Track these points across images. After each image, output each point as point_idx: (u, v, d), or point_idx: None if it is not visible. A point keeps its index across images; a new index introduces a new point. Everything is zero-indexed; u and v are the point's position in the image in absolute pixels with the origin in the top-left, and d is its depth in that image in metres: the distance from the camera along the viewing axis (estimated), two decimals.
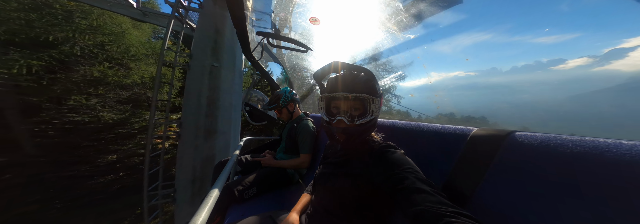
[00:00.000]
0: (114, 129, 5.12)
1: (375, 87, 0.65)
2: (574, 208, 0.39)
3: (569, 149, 0.43)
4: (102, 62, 4.91)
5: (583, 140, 0.43)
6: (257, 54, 1.79)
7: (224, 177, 0.92)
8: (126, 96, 5.43)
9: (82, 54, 4.65)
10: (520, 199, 0.47)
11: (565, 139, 0.46)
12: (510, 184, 0.50)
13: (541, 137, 0.49)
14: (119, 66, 5.23)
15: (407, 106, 3.36)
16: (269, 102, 1.61)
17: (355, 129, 0.65)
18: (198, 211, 0.64)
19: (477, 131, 0.63)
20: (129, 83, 5.35)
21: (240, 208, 1.16)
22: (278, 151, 1.68)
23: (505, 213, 0.49)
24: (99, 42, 4.84)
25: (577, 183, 0.40)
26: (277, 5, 1.68)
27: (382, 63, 2.93)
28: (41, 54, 4.09)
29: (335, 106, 0.69)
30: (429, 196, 0.43)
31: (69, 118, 4.51)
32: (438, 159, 0.70)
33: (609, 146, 0.40)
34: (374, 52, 2.44)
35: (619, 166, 0.37)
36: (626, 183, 0.36)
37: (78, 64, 4.67)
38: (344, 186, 0.67)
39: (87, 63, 4.77)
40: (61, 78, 4.48)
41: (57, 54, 4.28)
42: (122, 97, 5.35)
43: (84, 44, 4.66)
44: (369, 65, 2.66)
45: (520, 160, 0.50)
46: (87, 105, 4.73)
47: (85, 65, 4.74)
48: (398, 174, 0.52)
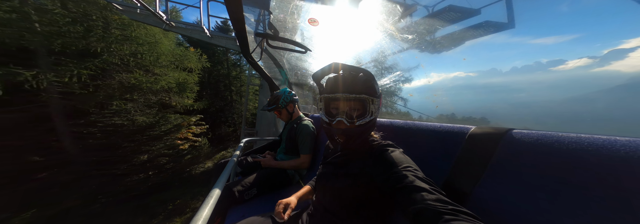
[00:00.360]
0: (146, 131, 5.70)
1: (374, 87, 0.65)
2: (572, 203, 0.40)
3: (565, 146, 0.44)
4: (134, 69, 5.52)
5: (579, 137, 0.44)
6: (256, 55, 1.79)
7: (224, 178, 0.92)
8: (154, 100, 6.11)
9: (120, 62, 5.27)
10: (518, 196, 0.48)
11: (561, 136, 0.46)
12: (508, 181, 0.50)
13: (538, 135, 0.49)
14: (150, 73, 5.93)
15: (411, 107, 3.34)
16: (268, 103, 1.61)
17: (355, 130, 0.65)
18: (198, 212, 0.63)
19: (475, 129, 0.64)
20: (158, 88, 5.97)
21: (240, 209, 1.16)
22: (278, 152, 1.68)
23: (504, 210, 0.49)
24: (133, 51, 5.47)
25: (574, 179, 0.40)
26: (276, 6, 1.68)
27: (389, 66, 2.95)
28: (87, 63, 4.69)
29: (334, 107, 0.69)
30: (428, 194, 0.43)
31: (111, 121, 5.13)
32: (437, 157, 0.71)
33: (604, 142, 0.40)
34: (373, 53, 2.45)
35: (614, 162, 0.37)
36: (621, 178, 0.36)
37: (116, 72, 5.29)
38: (344, 185, 0.67)
39: (123, 70, 5.40)
40: (103, 85, 5.10)
41: (100, 63, 4.86)
42: (151, 101, 6.04)
43: (122, 54, 5.27)
44: (372, 67, 2.66)
45: (518, 157, 0.50)
46: (124, 109, 5.36)
47: (123, 72, 5.36)
48: (397, 173, 0.52)
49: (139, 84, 5.52)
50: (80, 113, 4.95)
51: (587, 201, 0.38)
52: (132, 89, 5.41)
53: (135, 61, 5.47)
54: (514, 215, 0.47)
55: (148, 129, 5.72)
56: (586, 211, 0.38)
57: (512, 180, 0.50)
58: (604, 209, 0.37)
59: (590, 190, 0.39)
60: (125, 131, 5.31)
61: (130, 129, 5.38)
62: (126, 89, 5.34)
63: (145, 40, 5.59)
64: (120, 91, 5.27)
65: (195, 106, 6.85)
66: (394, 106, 3.58)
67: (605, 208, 0.36)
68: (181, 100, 6.58)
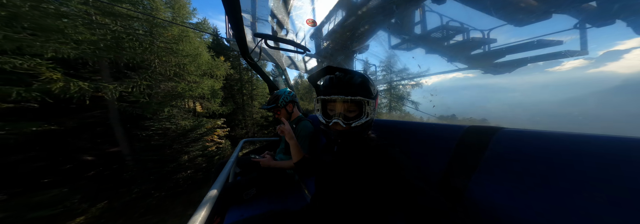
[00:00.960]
0: (188, 134, 6.61)
1: (370, 89, 0.65)
2: (559, 199, 0.41)
3: (554, 144, 0.45)
4: (175, 78, 6.41)
5: (565, 135, 0.45)
6: (255, 56, 1.80)
7: (223, 178, 0.92)
8: (192, 106, 7.21)
9: (168, 73, 6.17)
10: (509, 192, 0.49)
11: (549, 134, 0.48)
12: (499, 177, 0.52)
13: (528, 133, 0.51)
14: (190, 82, 6.85)
15: (411, 108, 3.38)
16: (268, 102, 1.61)
17: (351, 131, 0.66)
18: (196, 212, 0.64)
19: (468, 128, 0.65)
20: (196, 95, 6.82)
21: (239, 209, 1.16)
22: (277, 152, 1.68)
23: (495, 205, 0.51)
24: (178, 62, 6.39)
25: (562, 176, 0.42)
26: (274, 7, 1.69)
27: (399, 70, 3.00)
28: (144, 75, 5.56)
29: (331, 108, 0.70)
30: (423, 193, 0.44)
31: (163, 125, 6.07)
32: (432, 156, 0.72)
33: (590, 140, 0.42)
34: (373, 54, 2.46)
35: (601, 159, 0.39)
36: (607, 175, 0.37)
37: (162, 81, 6.17)
38: (342, 185, 0.68)
39: (168, 80, 6.29)
40: (154, 93, 6.02)
41: (152, 74, 5.78)
42: (191, 107, 7.17)
43: (169, 65, 6.20)
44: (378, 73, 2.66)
45: (508, 154, 0.52)
46: (172, 115, 6.28)
47: (168, 82, 6.27)
48: (393, 172, 0.53)
49: (183, 92, 6.43)
50: (140, 118, 5.98)
51: (574, 197, 0.40)
52: (177, 96, 6.33)
53: (179, 71, 6.33)
54: (505, 210, 0.49)
55: (189, 132, 6.57)
56: (573, 206, 0.40)
57: (504, 176, 0.51)
58: (590, 205, 0.38)
59: (577, 186, 0.40)
60: (172, 134, 6.21)
61: (177, 132, 6.31)
62: (172, 96, 6.28)
63: (188, 53, 6.43)
64: (168, 98, 6.19)
65: (220, 110, 7.70)
66: (402, 109, 3.59)
67: (592, 203, 0.38)
68: (210, 105, 7.40)
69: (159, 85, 6.01)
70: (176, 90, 6.16)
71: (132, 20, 5.46)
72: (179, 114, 6.39)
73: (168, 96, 6.13)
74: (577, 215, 0.39)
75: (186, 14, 6.75)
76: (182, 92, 6.35)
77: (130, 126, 6.03)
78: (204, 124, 6.94)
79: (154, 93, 5.93)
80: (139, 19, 5.49)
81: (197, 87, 6.68)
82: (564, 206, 0.40)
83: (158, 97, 6.03)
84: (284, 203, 1.24)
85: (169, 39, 6.06)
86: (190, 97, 6.80)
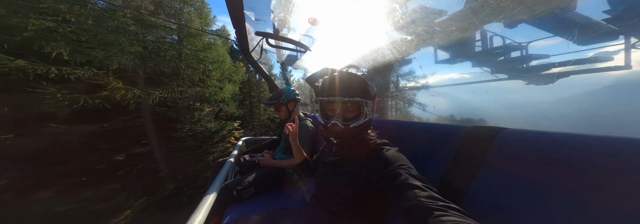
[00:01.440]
0: (214, 136, 7.22)
1: (368, 90, 0.65)
2: (563, 201, 0.41)
3: (556, 144, 0.45)
4: (199, 83, 7.04)
5: (569, 135, 0.45)
6: (256, 55, 1.79)
7: (222, 176, 0.92)
8: (216, 110, 7.79)
9: (196, 79, 6.76)
10: (511, 193, 0.49)
11: (552, 134, 0.47)
12: (501, 179, 0.51)
13: (531, 134, 0.51)
14: (214, 86, 7.53)
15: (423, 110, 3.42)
16: (270, 98, 1.61)
17: (349, 132, 0.66)
18: (195, 211, 0.63)
19: (470, 128, 0.65)
20: (219, 99, 7.49)
21: (238, 208, 1.16)
22: (277, 151, 1.68)
23: (497, 207, 0.50)
24: (204, 69, 6.98)
25: (565, 177, 0.41)
26: (277, 5, 1.68)
27: (407, 73, 3.07)
28: (178, 81, 6.16)
29: (330, 109, 0.70)
30: (420, 192, 0.44)
31: (193, 127, 6.64)
32: (433, 156, 0.72)
33: (593, 140, 0.41)
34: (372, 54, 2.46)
35: (604, 159, 0.38)
36: (611, 176, 0.37)
37: (190, 87, 6.76)
38: (341, 184, 0.68)
39: (195, 86, 6.89)
40: (183, 98, 6.51)
41: (183, 80, 6.36)
42: (214, 111, 7.75)
43: (198, 72, 6.79)
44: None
45: (511, 156, 0.51)
46: (200, 118, 6.86)
47: (195, 87, 6.81)
48: (392, 171, 0.53)
49: (209, 97, 7.02)
50: (171, 121, 6.59)
51: (577, 199, 0.39)
52: (204, 101, 6.92)
53: (203, 77, 6.90)
54: (506, 212, 0.48)
55: (214, 134, 7.17)
56: (577, 208, 0.39)
57: (505, 178, 0.51)
58: (594, 207, 0.37)
59: (580, 187, 0.39)
60: (200, 135, 6.81)
61: (204, 134, 6.90)
62: (201, 101, 6.87)
63: (215, 60, 7.02)
64: (197, 102, 6.76)
65: (237, 113, 8.37)
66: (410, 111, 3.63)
67: (596, 205, 0.37)
68: (229, 108, 8.05)
69: (187, 90, 6.73)
70: (204, 95, 6.94)
71: (164, 31, 6.14)
72: (205, 117, 7.03)
73: (197, 101, 6.91)
74: (581, 216, 0.38)
75: (210, 22, 7.31)
76: (208, 96, 7.09)
77: (163, 128, 6.63)
78: (226, 126, 7.67)
79: (184, 98, 6.61)
80: (170, 28, 6.19)
81: (220, 91, 7.35)
82: (568, 207, 0.40)
83: (191, 101, 6.67)
84: (282, 202, 1.23)
85: (199, 47, 6.76)
86: (215, 101, 7.50)
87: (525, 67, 2.19)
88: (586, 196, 0.38)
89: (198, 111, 6.85)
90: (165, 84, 6.03)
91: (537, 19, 1.45)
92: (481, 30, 1.99)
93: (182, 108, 6.43)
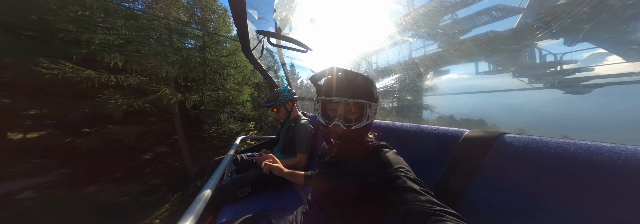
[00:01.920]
0: (236, 137, 7.81)
1: (372, 91, 0.64)
2: (559, 206, 0.41)
3: (553, 151, 0.45)
4: (220, 87, 7.60)
5: (566, 142, 0.45)
6: (256, 53, 1.78)
7: (218, 175, 0.91)
8: (237, 113, 8.42)
9: (219, 83, 7.43)
10: (508, 198, 0.49)
11: (550, 141, 0.47)
12: (499, 183, 0.52)
13: (528, 139, 0.51)
14: (235, 90, 8.15)
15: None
16: (268, 99, 1.60)
17: (351, 133, 0.65)
18: (188, 210, 0.62)
19: (469, 132, 0.64)
20: (239, 102, 8.10)
21: (233, 207, 1.14)
22: (275, 151, 1.67)
23: (494, 211, 0.50)
24: (227, 74, 7.68)
25: (562, 183, 0.42)
26: (279, 4, 1.67)
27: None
28: (208, 85, 6.90)
29: (331, 109, 0.69)
30: (418, 196, 0.44)
31: (218, 129, 7.38)
32: (432, 159, 0.71)
33: (590, 148, 0.42)
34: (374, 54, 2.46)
35: (599, 167, 0.39)
36: (606, 182, 0.37)
37: (213, 91, 7.30)
38: (339, 185, 0.67)
39: (218, 89, 7.47)
40: (211, 101, 7.18)
41: (210, 84, 7.07)
42: (235, 113, 8.27)
43: (222, 77, 7.48)
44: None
45: (508, 160, 0.52)
46: (225, 120, 7.56)
47: (218, 91, 7.42)
48: (390, 174, 0.52)
49: (232, 100, 7.68)
50: (198, 122, 7.34)
51: (573, 204, 0.40)
52: (227, 103, 7.58)
53: (225, 82, 7.57)
54: (503, 216, 0.49)
55: (236, 134, 7.66)
56: (574, 215, 0.39)
57: (502, 182, 0.51)
58: (590, 212, 0.38)
59: (576, 193, 0.40)
60: (224, 136, 7.41)
61: (227, 135, 7.46)
62: (224, 104, 7.55)
63: (237, 65, 7.69)
64: (221, 105, 7.43)
65: (252, 114, 8.86)
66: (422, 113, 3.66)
67: (592, 210, 0.38)
68: (245, 110, 8.54)
69: (210, 94, 7.19)
70: (228, 98, 7.50)
71: (193, 39, 6.74)
72: (228, 119, 7.75)
73: (221, 104, 7.45)
74: (578, 222, 0.39)
75: (230, 28, 7.78)
76: (231, 100, 7.67)
77: (189, 129, 7.40)
78: (245, 127, 8.25)
79: (210, 101, 7.14)
80: (198, 36, 6.78)
81: (240, 94, 7.89)
82: (565, 213, 0.40)
83: (220, 104, 7.46)
84: (279, 202, 1.22)
85: (224, 53, 7.32)
86: (235, 104, 8.10)
87: (569, 79, 2.22)
88: (583, 203, 0.39)
89: (223, 113, 7.51)
90: (195, 89, 6.74)
91: (600, 40, 1.47)
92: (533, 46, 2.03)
93: (210, 111, 7.11)
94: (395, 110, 3.10)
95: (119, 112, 5.26)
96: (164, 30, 5.82)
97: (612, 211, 0.36)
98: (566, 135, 0.53)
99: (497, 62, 2.22)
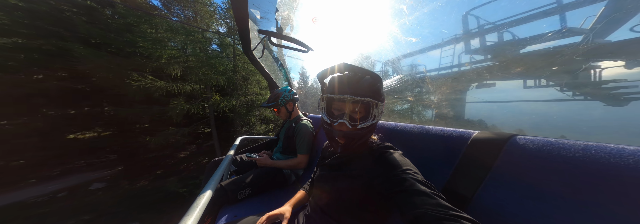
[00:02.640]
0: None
1: (379, 90, 0.62)
2: (574, 211, 0.39)
3: (571, 153, 0.43)
4: (246, 91, 8.29)
5: (585, 145, 0.43)
6: (257, 53, 1.77)
7: (217, 176, 0.89)
8: (260, 115, 9.13)
9: (248, 89, 8.22)
10: (520, 202, 0.47)
11: (567, 143, 0.46)
12: (511, 186, 0.50)
13: (542, 142, 0.49)
14: (259, 94, 8.85)
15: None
16: (268, 99, 1.58)
17: (356, 133, 0.63)
18: (187, 212, 0.60)
19: (478, 134, 0.63)
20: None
21: (233, 209, 1.12)
22: (275, 151, 1.65)
23: (505, 215, 0.49)
24: (257, 79, 8.49)
25: (579, 187, 0.40)
26: (281, 4, 1.66)
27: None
28: (241, 90, 7.82)
29: (336, 108, 0.66)
30: (428, 199, 0.42)
31: (248, 130, 8.26)
32: (439, 161, 0.70)
33: (612, 150, 0.39)
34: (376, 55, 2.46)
35: (620, 171, 0.37)
36: (627, 187, 0.35)
37: (244, 95, 8.05)
38: (342, 187, 0.66)
39: (246, 94, 8.19)
40: (241, 105, 7.90)
41: (241, 90, 7.89)
42: (260, 116, 8.96)
43: (251, 82, 8.22)
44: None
45: (521, 163, 0.50)
46: (254, 122, 8.42)
47: (248, 95, 8.17)
48: (397, 176, 0.51)
49: (258, 103, 8.36)
50: (230, 125, 8.23)
51: (590, 209, 0.38)
52: (254, 107, 8.26)
53: (250, 87, 8.31)
54: (515, 220, 0.47)
55: (264, 135, 8.37)
56: (588, 219, 0.38)
57: (515, 186, 0.49)
58: (607, 218, 0.36)
59: (594, 198, 0.38)
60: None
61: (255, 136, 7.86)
62: (252, 107, 8.22)
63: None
64: (250, 109, 8.15)
65: (271, 117, 9.40)
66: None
67: (609, 216, 0.36)
68: (266, 113, 9.14)
69: (242, 99, 7.92)
70: (256, 102, 8.21)
71: (229, 47, 7.57)
72: (256, 121, 8.55)
73: (251, 108, 8.18)
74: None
75: None
76: (259, 104, 8.34)
77: (222, 131, 8.37)
78: (270, 129, 8.90)
79: (241, 105, 7.81)
80: (230, 45, 7.53)
81: (264, 98, 8.43)
82: (578, 217, 0.39)
83: (249, 108, 8.21)
84: (279, 204, 1.20)
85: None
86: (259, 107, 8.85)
87: (616, 93, 2.28)
88: (605, 208, 0.37)
89: (253, 116, 8.31)
90: (230, 94, 7.65)
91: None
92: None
93: (243, 114, 7.97)
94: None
95: (179, 116, 6.25)
96: (204, 40, 6.70)
97: (633, 213, 0.34)
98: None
99: (548, 77, 2.29)
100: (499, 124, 3.21)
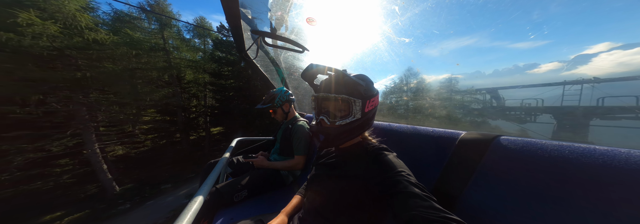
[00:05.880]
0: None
1: (358, 88, 0.64)
2: (555, 208, 0.42)
3: (548, 153, 0.46)
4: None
5: (560, 145, 0.46)
6: (252, 53, 1.75)
7: (212, 179, 0.88)
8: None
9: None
10: (504, 200, 0.49)
11: (544, 143, 0.48)
12: (495, 185, 0.52)
13: (524, 142, 0.51)
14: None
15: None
16: (264, 101, 1.57)
17: (335, 129, 0.65)
18: (181, 215, 0.60)
19: (465, 134, 0.65)
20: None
21: (229, 212, 1.11)
22: (272, 152, 1.64)
23: (490, 213, 0.50)
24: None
25: (556, 184, 0.42)
26: (274, 3, 1.65)
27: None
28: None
29: (322, 106, 0.70)
30: (420, 201, 0.43)
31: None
32: (430, 161, 0.71)
33: (584, 150, 0.42)
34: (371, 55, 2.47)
35: (592, 169, 0.39)
36: (599, 184, 0.38)
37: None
38: (337, 188, 0.66)
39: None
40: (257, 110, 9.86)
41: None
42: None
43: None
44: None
45: (505, 162, 0.52)
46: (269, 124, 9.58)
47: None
48: (391, 178, 0.52)
49: None
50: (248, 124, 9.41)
51: (568, 205, 0.40)
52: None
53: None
54: (499, 218, 0.49)
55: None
56: (567, 215, 0.40)
57: (499, 184, 0.51)
58: (584, 213, 0.38)
59: (571, 195, 0.40)
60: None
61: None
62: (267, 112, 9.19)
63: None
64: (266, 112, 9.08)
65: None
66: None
67: (586, 212, 0.38)
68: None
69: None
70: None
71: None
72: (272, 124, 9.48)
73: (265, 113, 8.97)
74: (575, 222, 0.40)
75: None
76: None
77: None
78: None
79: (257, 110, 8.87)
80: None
81: None
82: (561, 213, 0.41)
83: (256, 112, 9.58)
84: (275, 206, 1.19)
85: None
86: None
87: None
88: (577, 204, 0.39)
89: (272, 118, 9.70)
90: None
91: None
92: None
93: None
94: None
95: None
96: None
97: (605, 211, 0.37)
98: None
99: None
100: None
